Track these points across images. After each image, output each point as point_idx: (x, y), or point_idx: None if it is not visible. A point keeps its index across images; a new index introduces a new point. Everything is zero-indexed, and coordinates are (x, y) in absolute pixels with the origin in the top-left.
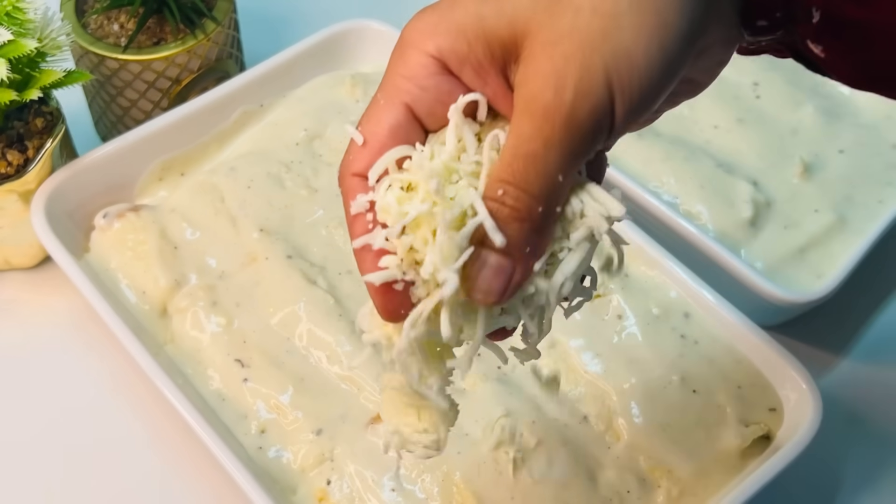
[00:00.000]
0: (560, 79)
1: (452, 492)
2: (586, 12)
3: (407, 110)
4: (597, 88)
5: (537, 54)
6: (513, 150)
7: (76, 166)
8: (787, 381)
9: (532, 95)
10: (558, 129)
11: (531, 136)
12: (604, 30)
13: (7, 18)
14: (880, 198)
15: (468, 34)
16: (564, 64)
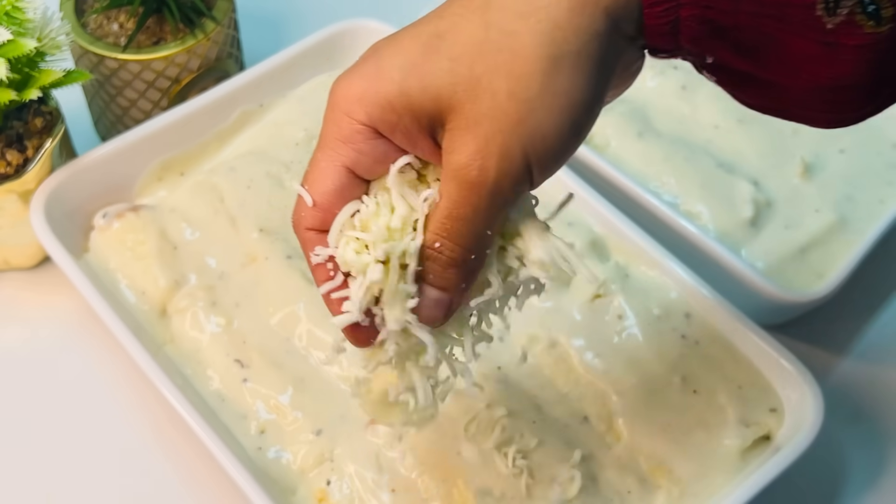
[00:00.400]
0: (483, 159)
1: (452, 492)
2: (502, 96)
3: (348, 171)
4: (516, 166)
5: (461, 130)
6: (446, 212)
7: (75, 166)
8: (787, 381)
9: (460, 166)
10: (484, 199)
11: (460, 202)
12: (519, 114)
13: (6, 18)
14: (881, 197)
15: (395, 107)
16: (486, 144)
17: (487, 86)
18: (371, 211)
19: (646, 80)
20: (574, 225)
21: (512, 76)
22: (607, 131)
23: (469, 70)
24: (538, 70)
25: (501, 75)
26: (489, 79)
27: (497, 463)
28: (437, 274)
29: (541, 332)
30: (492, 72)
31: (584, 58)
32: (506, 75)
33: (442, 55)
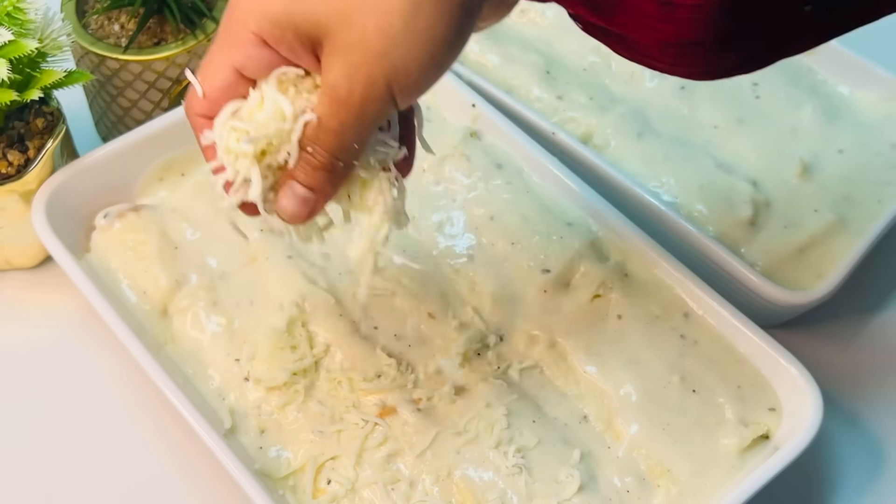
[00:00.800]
0: (350, 81)
1: (452, 491)
2: (370, 30)
3: (235, 71)
4: (379, 92)
5: (334, 54)
6: (319, 122)
7: (77, 166)
8: (786, 381)
9: (331, 85)
10: (351, 115)
11: (331, 115)
12: (383, 48)
13: (8, 19)
14: (880, 197)
15: (281, 24)
16: (353, 70)
17: (358, 19)
18: (253, 104)
19: (645, 81)
20: (574, 225)
21: (378, 13)
22: (607, 131)
23: (343, 3)
24: (401, 10)
25: (369, 11)
26: (360, 13)
27: (497, 461)
28: (307, 174)
29: (541, 332)
30: (362, 7)
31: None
32: (372, 12)
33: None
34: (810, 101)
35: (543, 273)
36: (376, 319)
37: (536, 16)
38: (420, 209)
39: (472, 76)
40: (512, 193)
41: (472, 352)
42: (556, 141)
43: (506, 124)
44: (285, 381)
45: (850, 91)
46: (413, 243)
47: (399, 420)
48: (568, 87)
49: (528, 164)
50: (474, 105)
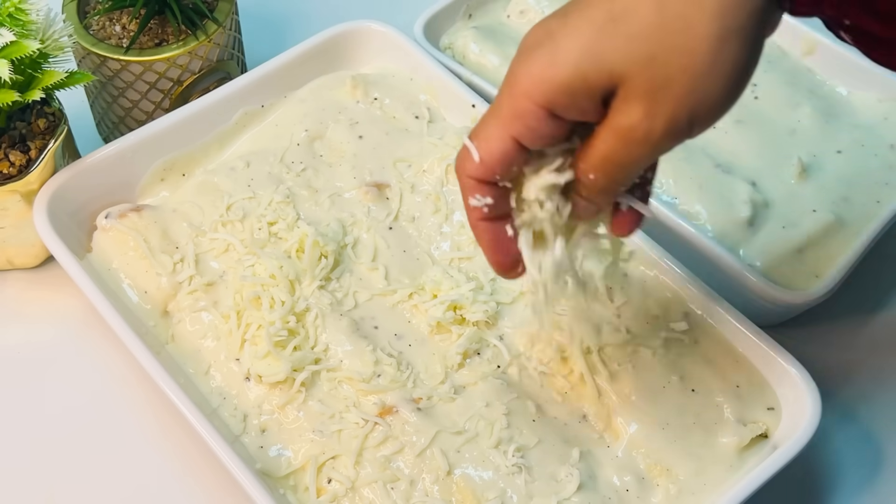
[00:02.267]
0: (651, 122)
1: (452, 490)
2: (676, 71)
3: (515, 141)
4: (680, 128)
5: (632, 98)
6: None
7: (78, 167)
8: (785, 381)
9: (627, 127)
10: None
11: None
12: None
13: (10, 20)
14: (878, 198)
15: (573, 89)
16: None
17: (662, 63)
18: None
19: None
20: None
21: (685, 54)
22: None
23: (645, 48)
24: (708, 48)
25: (675, 54)
26: (664, 57)
27: (496, 461)
28: (590, 196)
29: (541, 331)
30: (667, 51)
31: (747, 31)
32: (679, 54)
33: (617, 36)
34: (809, 102)
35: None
36: (376, 318)
37: (536, 16)
38: (420, 209)
39: (472, 76)
40: None
41: (472, 351)
42: None
43: None
44: (287, 377)
45: (848, 92)
46: (413, 243)
47: (399, 419)
48: None
49: None
50: (474, 105)
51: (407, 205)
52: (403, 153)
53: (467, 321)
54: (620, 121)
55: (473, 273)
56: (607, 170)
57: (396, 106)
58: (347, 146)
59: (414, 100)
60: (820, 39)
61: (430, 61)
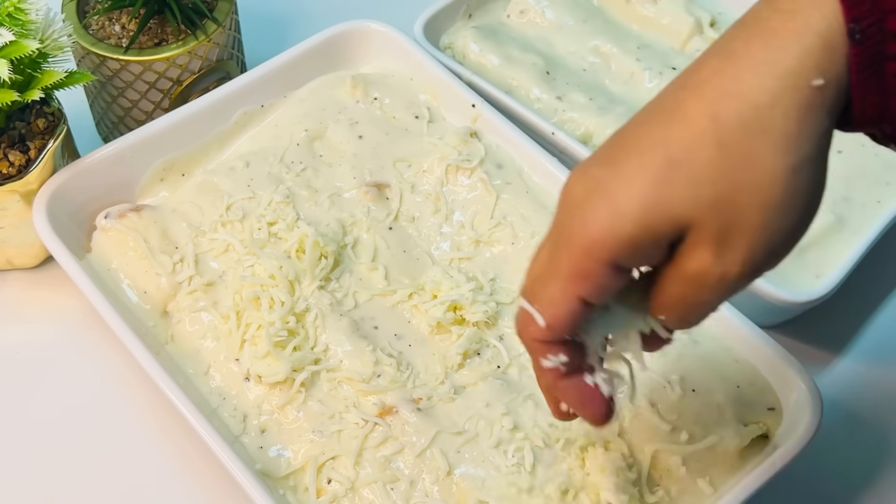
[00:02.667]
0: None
1: (452, 490)
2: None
3: (581, 301)
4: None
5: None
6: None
7: (78, 167)
8: (786, 381)
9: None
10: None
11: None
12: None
13: (9, 19)
14: (879, 198)
15: (637, 243)
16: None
17: (731, 203)
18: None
19: (644, 82)
20: None
21: (755, 191)
22: (607, 132)
23: (712, 192)
24: (780, 181)
25: (745, 193)
26: (734, 197)
27: (497, 461)
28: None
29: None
30: (736, 191)
31: (816, 157)
32: (749, 192)
33: (680, 182)
34: None
35: None
36: (376, 318)
37: (536, 16)
38: (420, 209)
39: (472, 76)
40: (512, 193)
41: (472, 352)
42: (556, 141)
43: (506, 124)
44: (287, 377)
45: None
46: (413, 243)
47: (399, 420)
48: (567, 88)
49: (528, 164)
50: (474, 105)
51: (407, 205)
52: (403, 153)
53: (467, 321)
54: (691, 266)
55: (473, 273)
56: (680, 313)
57: (396, 106)
58: (347, 146)
59: (414, 100)
60: None
61: (430, 61)
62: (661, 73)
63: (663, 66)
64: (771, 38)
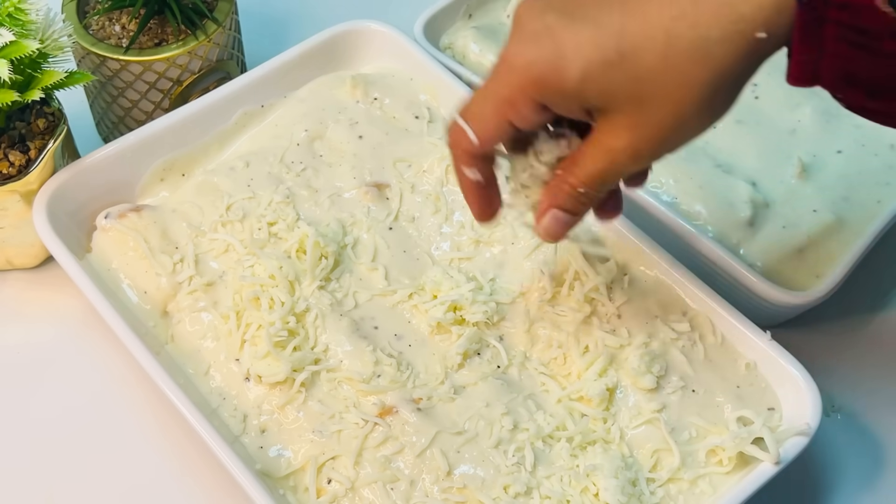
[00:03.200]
0: (636, 151)
1: (452, 490)
2: (668, 117)
3: (509, 123)
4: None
5: (623, 127)
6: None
7: (78, 167)
8: (785, 381)
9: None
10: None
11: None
12: (675, 130)
13: (9, 19)
14: (878, 198)
15: (569, 98)
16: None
17: (658, 107)
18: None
19: None
20: None
21: (678, 104)
22: None
23: (646, 91)
24: (700, 99)
25: (671, 102)
26: (660, 102)
27: (497, 461)
28: (575, 207)
29: (540, 331)
30: (663, 97)
31: (737, 87)
32: (672, 103)
33: (622, 74)
34: (809, 102)
35: (543, 273)
36: (376, 318)
37: None
38: (420, 209)
39: (471, 76)
40: None
41: (472, 352)
42: None
43: None
44: (287, 377)
45: None
46: (413, 243)
47: (399, 420)
48: None
49: None
50: None
51: (407, 205)
52: (403, 153)
53: (467, 322)
54: (608, 141)
55: (473, 273)
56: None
57: (396, 106)
58: (347, 146)
59: (414, 100)
60: None
61: (430, 61)
62: None
63: None
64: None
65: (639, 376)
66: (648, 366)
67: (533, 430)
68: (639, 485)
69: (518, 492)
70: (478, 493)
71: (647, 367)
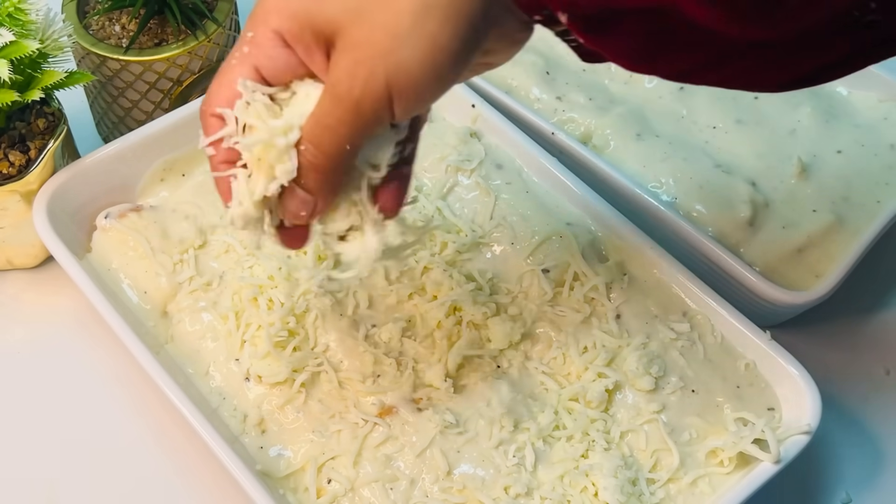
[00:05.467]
0: (352, 77)
1: (452, 490)
2: (378, 29)
3: (255, 71)
4: (378, 90)
5: (341, 50)
6: (316, 119)
7: (78, 167)
8: (785, 381)
9: (333, 81)
10: (347, 113)
11: (327, 112)
12: (389, 47)
13: (9, 19)
14: (878, 198)
15: (300, 20)
16: (356, 67)
17: (368, 17)
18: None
19: (644, 82)
20: (574, 225)
21: (388, 12)
22: (606, 132)
23: (356, 2)
24: (410, 11)
25: (379, 11)
26: (370, 12)
27: (497, 460)
28: (305, 176)
29: (541, 331)
30: (373, 6)
31: (454, 10)
32: (383, 10)
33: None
34: (809, 102)
35: (543, 273)
36: (376, 318)
37: None
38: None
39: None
40: (512, 193)
41: (472, 352)
42: (556, 141)
43: (506, 124)
44: (287, 377)
45: (848, 92)
46: None
47: (399, 420)
48: (567, 88)
49: (528, 164)
50: (474, 105)
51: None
52: None
53: (467, 322)
54: (330, 75)
55: (473, 273)
56: (318, 135)
57: None
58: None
59: None
60: None
61: None
62: None
63: None
64: None
65: (637, 378)
66: (647, 367)
67: (534, 429)
68: (638, 484)
69: (518, 493)
70: (477, 492)
71: (645, 368)
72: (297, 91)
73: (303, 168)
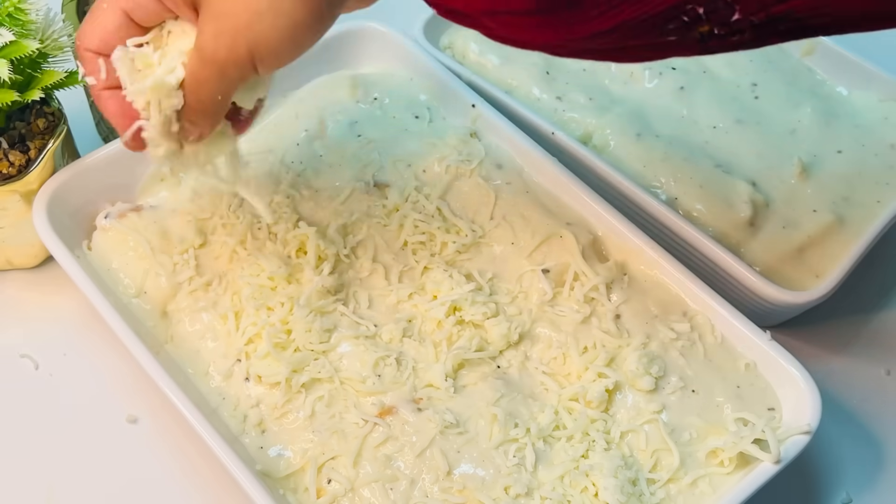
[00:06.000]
0: (216, 45)
1: (452, 490)
2: (240, 3)
3: (125, 15)
4: (240, 58)
5: (206, 17)
6: (189, 72)
7: (78, 167)
8: (785, 381)
9: (200, 46)
10: (213, 73)
11: (198, 70)
12: (248, 22)
13: (9, 19)
14: (878, 198)
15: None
16: (220, 36)
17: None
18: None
19: (644, 82)
20: (574, 225)
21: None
22: (606, 132)
23: None
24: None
25: None
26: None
27: (497, 460)
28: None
29: (541, 331)
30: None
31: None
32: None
33: None
34: (809, 102)
35: (543, 273)
36: (376, 318)
37: None
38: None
39: (472, 76)
40: (512, 193)
41: (471, 352)
42: (556, 141)
43: (506, 124)
44: (287, 378)
45: (848, 92)
46: None
47: (399, 419)
48: (567, 88)
49: (528, 164)
50: (474, 105)
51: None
52: (403, 153)
53: (467, 322)
54: (198, 38)
55: (473, 273)
56: (191, 86)
57: (396, 106)
58: (347, 146)
59: (414, 100)
60: (820, 39)
61: (430, 61)
62: (660, 74)
63: (663, 66)
64: None
65: (637, 378)
66: (647, 367)
67: (534, 429)
68: (639, 484)
69: (518, 493)
70: (477, 493)
71: (645, 368)
72: (171, 30)
73: (187, 107)
